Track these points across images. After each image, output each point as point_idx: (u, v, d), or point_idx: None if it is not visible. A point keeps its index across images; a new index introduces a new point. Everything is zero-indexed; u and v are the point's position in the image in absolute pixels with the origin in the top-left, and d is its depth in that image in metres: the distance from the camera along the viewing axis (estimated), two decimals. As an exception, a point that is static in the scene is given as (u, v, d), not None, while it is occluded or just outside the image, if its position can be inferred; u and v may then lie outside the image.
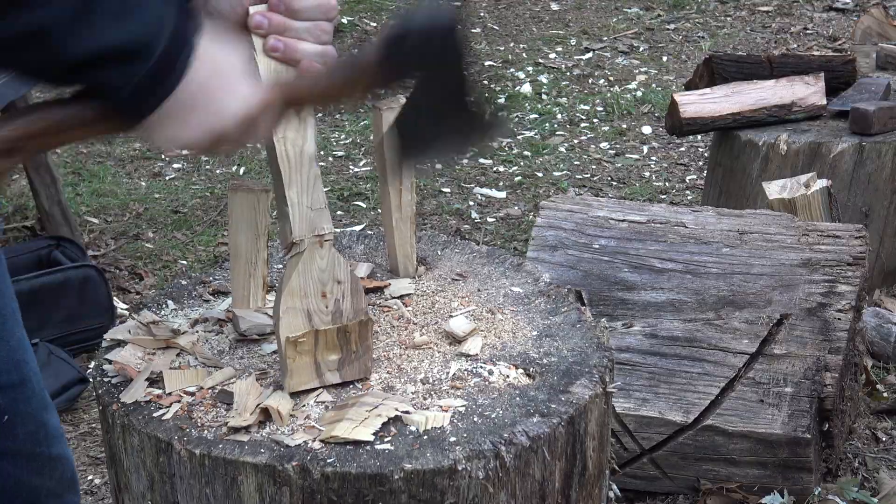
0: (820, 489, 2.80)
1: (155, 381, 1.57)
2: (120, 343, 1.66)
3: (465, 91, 1.48)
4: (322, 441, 1.42)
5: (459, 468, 1.38)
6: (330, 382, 1.53)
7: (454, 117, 1.49)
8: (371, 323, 1.54)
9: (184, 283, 1.86)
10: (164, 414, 1.50)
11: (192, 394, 1.54)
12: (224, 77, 1.37)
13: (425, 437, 1.42)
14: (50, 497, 1.98)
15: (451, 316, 1.70)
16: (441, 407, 1.48)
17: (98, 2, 1.27)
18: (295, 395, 1.52)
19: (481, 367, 1.58)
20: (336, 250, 1.52)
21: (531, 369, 1.57)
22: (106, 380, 1.60)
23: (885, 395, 3.27)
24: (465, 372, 1.57)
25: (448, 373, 1.57)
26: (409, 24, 1.42)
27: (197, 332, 1.69)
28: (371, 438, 1.42)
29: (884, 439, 3.11)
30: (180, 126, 1.35)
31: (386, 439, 1.43)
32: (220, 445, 1.42)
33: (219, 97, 1.36)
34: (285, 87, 1.43)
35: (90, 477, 3.10)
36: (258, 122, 1.40)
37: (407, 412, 1.47)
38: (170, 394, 1.54)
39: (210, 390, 1.55)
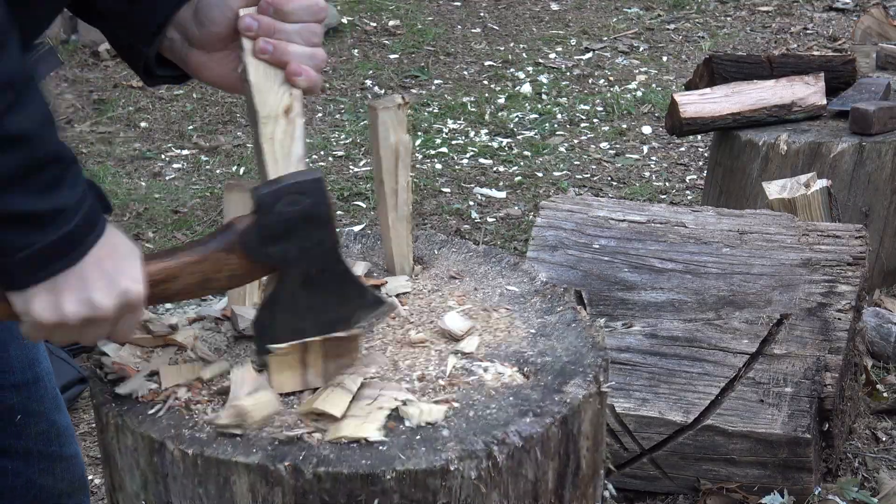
0: (820, 489, 2.80)
1: (151, 378, 1.57)
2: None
3: (337, 266, 1.49)
4: (330, 441, 1.41)
5: (452, 468, 1.37)
6: (313, 385, 1.53)
7: (329, 294, 1.50)
8: (360, 337, 1.54)
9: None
10: (158, 411, 1.49)
11: (188, 387, 1.54)
12: (120, 257, 1.39)
13: (418, 436, 1.42)
14: (62, 497, 1.98)
15: (445, 312, 1.70)
16: (436, 402, 1.48)
17: (40, 171, 1.30)
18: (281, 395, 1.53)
19: (475, 365, 1.57)
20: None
21: (525, 369, 1.57)
22: (101, 379, 1.60)
23: (885, 395, 3.26)
24: (460, 370, 1.57)
25: (444, 370, 1.56)
26: (272, 205, 1.43)
27: (194, 329, 1.69)
28: (380, 436, 1.42)
29: (884, 439, 3.11)
30: (62, 298, 1.35)
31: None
32: (213, 445, 1.42)
33: (111, 274, 1.37)
34: (153, 269, 1.43)
35: (90, 476, 3.10)
36: (135, 309, 1.41)
37: (407, 400, 1.47)
38: (165, 389, 1.53)
39: (205, 385, 1.54)
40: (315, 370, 1.53)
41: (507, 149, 5.28)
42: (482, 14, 7.28)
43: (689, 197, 4.73)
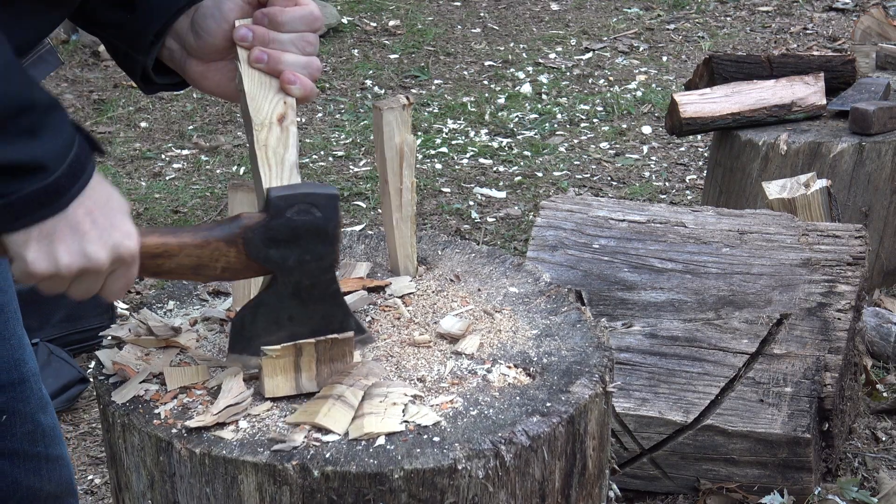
0: (820, 489, 2.80)
1: (151, 379, 1.58)
2: (120, 342, 1.66)
3: (330, 286, 1.49)
4: (353, 440, 1.42)
5: (459, 467, 1.38)
6: (307, 390, 1.54)
7: (314, 310, 1.50)
8: (352, 340, 1.54)
9: (185, 282, 1.86)
10: (161, 412, 1.50)
11: (188, 389, 1.54)
12: (112, 210, 1.38)
13: (425, 436, 1.42)
14: (49, 499, 1.98)
15: (442, 315, 1.71)
16: (439, 405, 1.49)
17: (9, 120, 1.28)
18: (274, 399, 1.54)
19: (481, 366, 1.58)
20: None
21: (531, 369, 1.57)
22: (106, 379, 1.60)
23: (885, 395, 3.27)
24: (465, 371, 1.57)
25: (446, 371, 1.57)
26: (283, 209, 1.43)
27: (197, 330, 1.69)
28: (402, 428, 1.43)
29: (884, 439, 3.11)
30: (56, 247, 1.35)
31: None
32: (220, 444, 1.42)
33: (103, 226, 1.36)
34: (153, 242, 1.43)
35: (90, 477, 3.10)
36: (127, 266, 1.40)
37: (416, 396, 1.48)
38: (168, 391, 1.54)
39: (206, 388, 1.55)
40: (308, 374, 1.53)
41: (507, 149, 5.28)
42: (482, 14, 7.28)
43: (689, 197, 4.73)
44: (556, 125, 5.56)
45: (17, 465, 1.93)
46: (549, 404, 1.48)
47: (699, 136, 5.12)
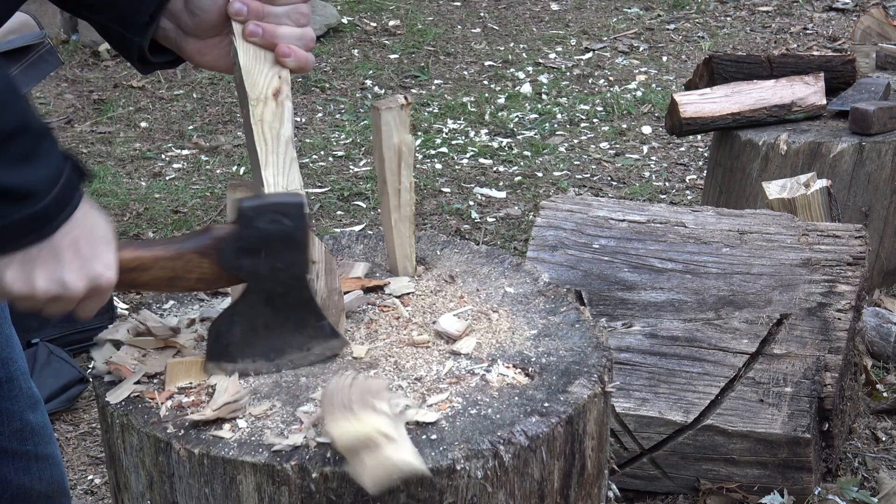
0: (820, 489, 2.80)
1: (150, 378, 1.57)
2: (118, 343, 1.66)
3: (302, 292, 1.52)
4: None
5: (458, 468, 1.38)
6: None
7: (288, 317, 1.53)
8: (343, 311, 1.57)
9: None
10: (159, 411, 1.50)
11: (186, 390, 1.54)
12: (96, 240, 1.39)
13: (423, 436, 1.42)
14: (40, 499, 1.98)
15: (441, 315, 1.71)
16: (437, 405, 1.49)
17: (5, 144, 1.29)
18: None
19: (479, 366, 1.58)
20: (311, 231, 1.54)
21: (529, 369, 1.57)
22: (106, 379, 1.60)
23: (885, 394, 3.27)
24: (463, 371, 1.57)
25: (444, 371, 1.57)
26: (253, 219, 1.46)
27: (195, 331, 1.69)
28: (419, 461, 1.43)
29: (884, 439, 3.11)
30: (35, 272, 1.36)
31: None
32: (219, 444, 1.42)
33: (84, 256, 1.38)
34: (127, 256, 1.45)
35: (90, 477, 3.10)
36: (103, 293, 1.42)
37: (408, 406, 1.48)
38: (164, 390, 1.54)
39: (203, 389, 1.55)
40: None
41: (507, 149, 5.28)
42: (482, 14, 7.28)
43: (689, 197, 4.73)
44: (556, 125, 5.56)
45: (6, 463, 1.94)
46: (547, 404, 1.48)
47: (699, 136, 5.11)
